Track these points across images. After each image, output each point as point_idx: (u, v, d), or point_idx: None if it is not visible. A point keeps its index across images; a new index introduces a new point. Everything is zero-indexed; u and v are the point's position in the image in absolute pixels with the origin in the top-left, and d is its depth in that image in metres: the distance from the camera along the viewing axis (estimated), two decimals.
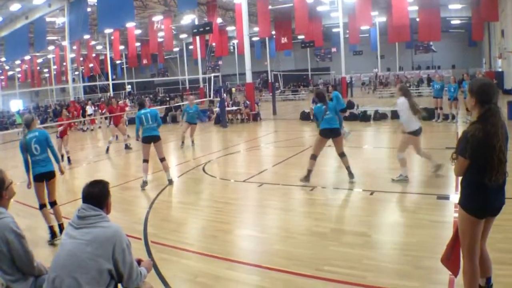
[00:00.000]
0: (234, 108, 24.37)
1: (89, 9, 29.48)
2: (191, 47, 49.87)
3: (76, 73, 53.57)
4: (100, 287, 3.07)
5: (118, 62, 53.85)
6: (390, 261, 5.17)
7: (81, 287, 2.97)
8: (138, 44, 44.78)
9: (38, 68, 51.89)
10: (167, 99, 44.34)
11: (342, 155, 9.14)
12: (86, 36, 36.42)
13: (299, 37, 42.56)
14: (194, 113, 15.98)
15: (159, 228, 7.05)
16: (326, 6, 35.12)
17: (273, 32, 40.29)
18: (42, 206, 6.87)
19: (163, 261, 5.58)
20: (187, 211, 8.13)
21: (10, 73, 55.79)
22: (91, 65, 47.48)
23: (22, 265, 3.51)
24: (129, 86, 57.51)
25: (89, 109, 28.82)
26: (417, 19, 33.79)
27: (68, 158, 14.31)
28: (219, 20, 36.28)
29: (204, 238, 6.54)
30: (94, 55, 48.23)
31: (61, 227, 6.84)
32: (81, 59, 45.67)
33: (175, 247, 6.12)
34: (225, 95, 27.99)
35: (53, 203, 6.96)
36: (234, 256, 5.71)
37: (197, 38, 40.42)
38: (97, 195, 3.34)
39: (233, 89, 46.65)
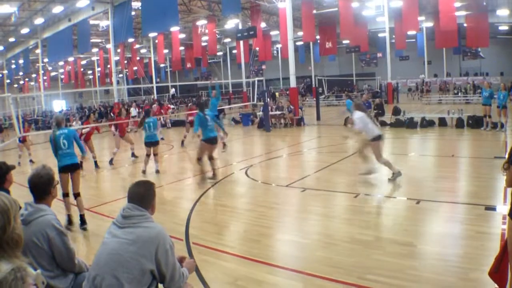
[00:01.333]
0: (278, 112, 24.30)
1: (133, 13, 29.94)
2: (234, 51, 50.08)
3: (120, 75, 54.65)
4: (141, 287, 3.08)
5: (162, 65, 54.66)
6: (435, 272, 5.00)
7: (122, 286, 2.98)
8: (182, 48, 45.37)
9: (82, 69, 53.03)
10: None
11: (211, 158, 10.75)
12: (130, 40, 37.04)
13: (344, 41, 42.11)
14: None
15: (201, 230, 7.10)
16: (372, 11, 34.60)
17: (317, 37, 39.98)
18: (65, 195, 7.68)
19: (204, 262, 5.61)
20: (228, 214, 8.15)
21: (53, 73, 57.21)
22: (135, 68, 48.36)
23: (62, 261, 3.56)
24: (173, 89, 58.36)
25: (133, 111, 29.13)
26: (465, 25, 32.98)
27: (95, 162, 14.22)
28: (262, 25, 36.35)
29: (245, 242, 6.53)
30: (138, 58, 49.07)
31: (82, 218, 7.58)
32: (125, 62, 46.46)
33: (216, 249, 6.14)
34: (268, 99, 28.00)
35: (77, 195, 7.74)
36: (275, 261, 5.67)
37: (241, 42, 40.59)
38: (142, 195, 3.35)
39: (277, 94, 46.61)
